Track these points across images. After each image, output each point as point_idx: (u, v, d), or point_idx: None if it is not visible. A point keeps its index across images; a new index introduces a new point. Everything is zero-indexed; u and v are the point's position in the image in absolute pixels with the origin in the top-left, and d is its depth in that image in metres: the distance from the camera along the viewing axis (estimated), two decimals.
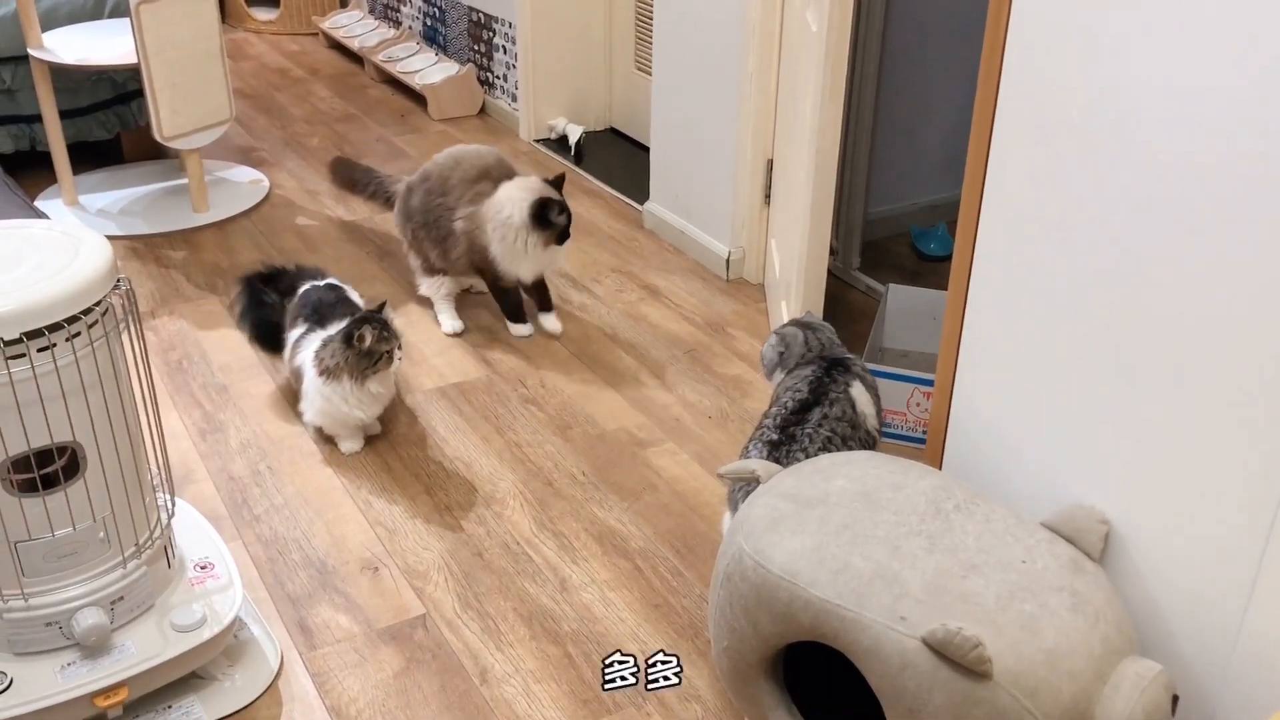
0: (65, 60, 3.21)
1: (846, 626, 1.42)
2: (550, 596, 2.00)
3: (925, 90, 3.18)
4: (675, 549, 2.12)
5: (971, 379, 1.82)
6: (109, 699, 1.60)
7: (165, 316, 2.89)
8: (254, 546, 2.11)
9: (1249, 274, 1.34)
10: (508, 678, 1.83)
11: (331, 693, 1.80)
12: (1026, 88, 1.60)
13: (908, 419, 2.41)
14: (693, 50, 3.06)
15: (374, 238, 3.35)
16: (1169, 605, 1.53)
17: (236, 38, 5.37)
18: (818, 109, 2.33)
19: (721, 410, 2.54)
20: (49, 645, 1.61)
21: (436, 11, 4.67)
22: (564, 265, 3.07)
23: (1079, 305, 1.58)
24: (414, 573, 2.05)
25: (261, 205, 3.55)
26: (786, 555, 1.49)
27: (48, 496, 1.53)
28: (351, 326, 2.25)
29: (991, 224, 1.72)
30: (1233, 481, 1.41)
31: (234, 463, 2.34)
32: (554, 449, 2.40)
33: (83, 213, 3.43)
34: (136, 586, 1.66)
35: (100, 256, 1.52)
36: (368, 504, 2.23)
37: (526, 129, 4.14)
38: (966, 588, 1.41)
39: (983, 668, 1.33)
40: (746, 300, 3.01)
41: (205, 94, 3.28)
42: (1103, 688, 1.37)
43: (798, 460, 1.83)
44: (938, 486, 1.58)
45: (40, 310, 1.43)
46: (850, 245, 3.11)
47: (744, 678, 1.61)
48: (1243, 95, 1.30)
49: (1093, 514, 1.57)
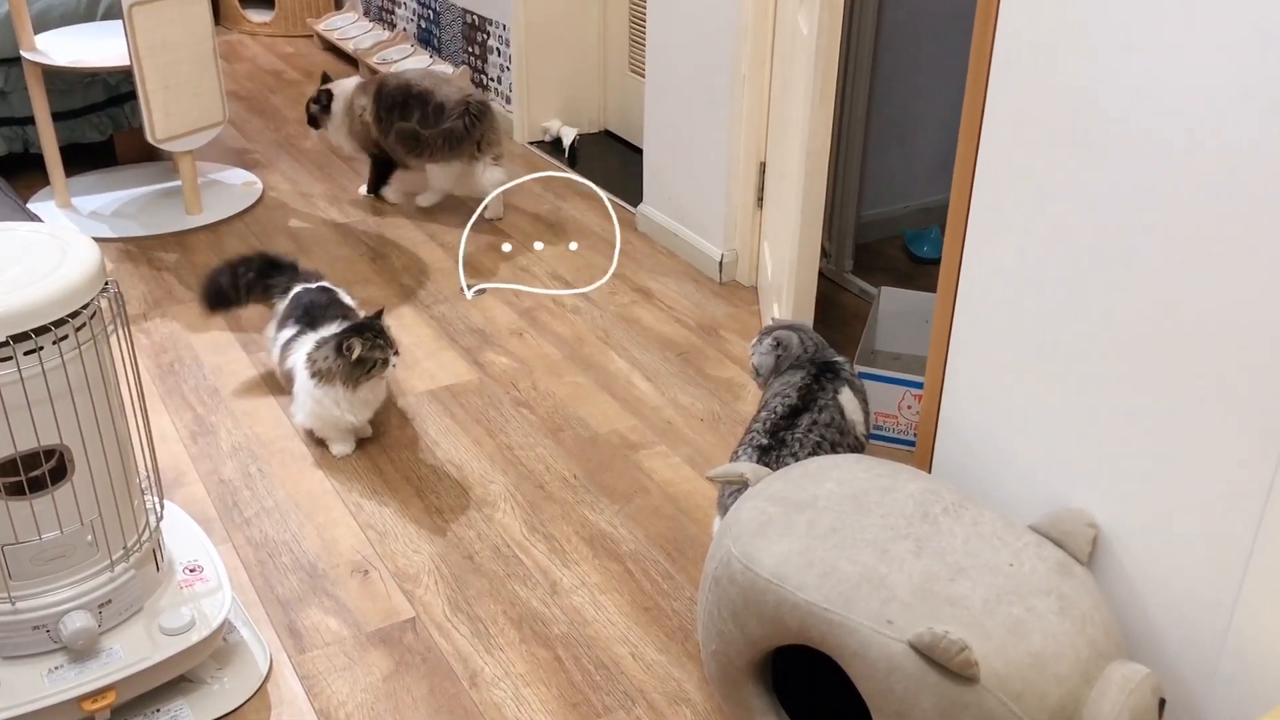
0: (58, 62, 3.21)
1: (834, 630, 1.42)
2: (541, 599, 2.00)
3: (918, 93, 3.18)
4: (666, 552, 2.12)
5: (961, 382, 1.82)
6: (97, 703, 1.60)
7: (157, 319, 2.89)
8: (244, 549, 2.11)
9: (1239, 277, 1.34)
10: (497, 681, 1.83)
11: (320, 696, 1.80)
12: (1015, 89, 1.60)
13: (899, 422, 2.41)
14: (686, 53, 3.06)
15: (367, 240, 3.35)
16: (1157, 608, 1.53)
17: (231, 39, 5.37)
18: (809, 112, 2.33)
19: (713, 413, 2.54)
20: (36, 649, 1.60)
21: (431, 14, 4.67)
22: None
23: (1068, 308, 1.58)
24: (404, 576, 2.05)
25: (255, 207, 3.55)
26: (774, 559, 1.49)
27: (35, 500, 1.53)
28: (342, 336, 2.24)
29: (980, 227, 1.72)
30: (1220, 484, 1.41)
31: (225, 465, 2.34)
32: (545, 452, 2.40)
33: (75, 215, 3.43)
34: (124, 590, 1.65)
35: (88, 259, 1.52)
36: (358, 507, 2.23)
37: (521, 131, 4.14)
38: (954, 591, 1.41)
39: (969, 671, 1.33)
40: (739, 303, 3.01)
41: (198, 96, 3.28)
42: (1090, 691, 1.37)
43: (787, 465, 1.83)
44: (926, 490, 1.58)
45: (27, 313, 1.43)
46: (843, 248, 3.11)
47: (732, 681, 1.61)
48: (1235, 98, 1.30)
49: (1081, 517, 1.57)
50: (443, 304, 2.98)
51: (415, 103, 3.33)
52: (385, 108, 3.38)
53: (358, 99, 3.45)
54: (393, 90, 3.38)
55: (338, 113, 3.47)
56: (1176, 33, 1.35)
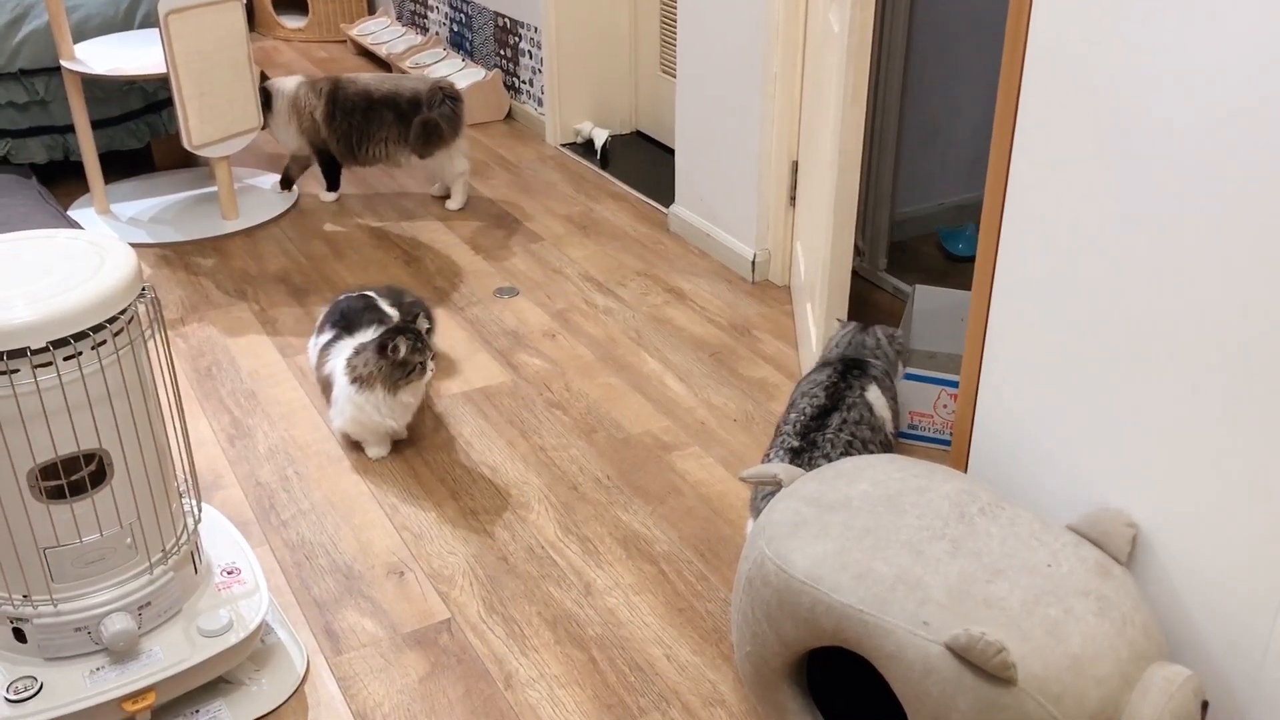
0: (97, 71, 3.25)
1: (869, 632, 1.41)
2: (575, 601, 2.00)
3: (951, 90, 3.16)
4: (700, 553, 2.11)
5: (997, 380, 1.80)
6: (137, 703, 1.62)
7: (195, 323, 2.92)
8: (281, 551, 2.12)
9: (1279, 272, 1.32)
10: (532, 682, 1.83)
11: (357, 697, 1.81)
12: (1048, 86, 1.58)
13: (935, 421, 2.39)
14: (717, 52, 3.05)
15: (401, 243, 3.37)
16: (1198, 609, 1.51)
17: (265, 46, 5.42)
18: (841, 110, 2.32)
19: (747, 413, 2.53)
20: (78, 650, 1.62)
21: (463, 17, 4.69)
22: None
23: (1104, 305, 1.56)
24: (439, 577, 2.06)
25: (290, 212, 3.58)
26: (809, 560, 1.48)
27: (75, 503, 1.55)
28: (385, 337, 2.26)
29: (1015, 224, 1.70)
30: (1262, 481, 1.39)
31: (262, 468, 2.36)
32: (579, 453, 2.40)
33: (114, 221, 3.47)
34: (164, 592, 1.67)
35: (125, 265, 1.54)
36: (394, 509, 2.24)
37: (553, 133, 4.15)
38: (991, 592, 1.40)
39: (1007, 673, 1.31)
40: (772, 303, 3.00)
41: (234, 102, 3.31)
42: (1130, 693, 1.35)
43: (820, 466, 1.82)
44: (962, 490, 1.57)
45: (66, 319, 1.45)
46: (877, 246, 3.09)
47: (767, 683, 1.60)
48: (1271, 96, 1.28)
49: (1120, 517, 1.55)
50: (476, 306, 2.99)
51: (385, 105, 3.43)
52: (344, 111, 3.45)
53: (306, 96, 3.49)
54: (352, 96, 3.45)
55: (282, 110, 3.52)
56: (1211, 30, 1.33)
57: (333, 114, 3.46)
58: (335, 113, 3.46)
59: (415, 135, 3.44)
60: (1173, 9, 1.37)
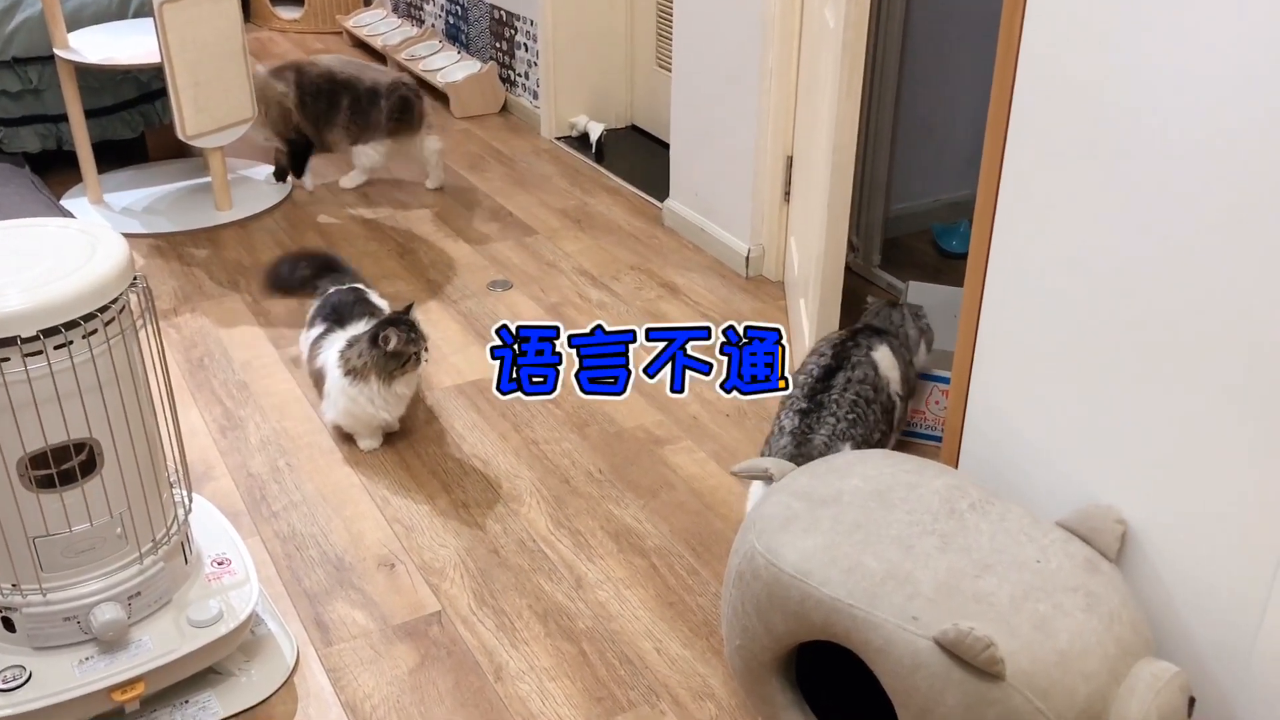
0: (90, 60, 3.24)
1: (858, 626, 1.41)
2: (565, 594, 2.00)
3: (946, 87, 3.16)
4: (691, 547, 2.11)
5: (988, 377, 1.80)
6: (126, 693, 1.62)
7: (187, 314, 2.92)
8: (272, 543, 2.12)
9: (1269, 272, 1.32)
10: (522, 675, 1.83)
11: (346, 689, 1.81)
12: (1042, 84, 1.58)
13: (927, 417, 2.39)
14: (713, 47, 3.05)
15: (395, 235, 3.36)
16: (1186, 605, 1.51)
17: (261, 36, 5.41)
18: (836, 105, 2.32)
19: (739, 408, 2.53)
20: (67, 640, 1.62)
21: (459, 10, 4.68)
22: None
23: (1096, 303, 1.56)
24: (430, 569, 2.06)
25: (283, 203, 3.58)
26: (798, 554, 1.48)
27: (65, 493, 1.55)
28: (377, 328, 2.25)
29: (1008, 222, 1.70)
30: (1250, 479, 1.39)
31: (253, 459, 2.36)
32: (571, 446, 2.40)
33: (108, 211, 3.47)
34: (153, 582, 1.67)
35: (117, 254, 1.53)
36: (385, 501, 2.24)
37: (548, 127, 4.14)
38: (980, 588, 1.40)
39: (995, 668, 1.32)
40: (766, 298, 3.00)
41: (228, 92, 3.30)
42: (1117, 689, 1.36)
43: (828, 426, 1.93)
44: (952, 486, 1.57)
45: (57, 308, 1.44)
46: (871, 242, 3.10)
47: (756, 677, 1.60)
48: (1263, 96, 1.28)
49: (1109, 513, 1.55)
50: (469, 299, 2.99)
51: (343, 90, 3.47)
52: (310, 94, 3.48)
53: (274, 85, 3.50)
54: (315, 78, 3.49)
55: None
56: (1203, 29, 1.33)
57: (303, 99, 3.49)
58: (304, 98, 3.49)
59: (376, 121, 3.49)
60: (1165, 7, 1.38)
